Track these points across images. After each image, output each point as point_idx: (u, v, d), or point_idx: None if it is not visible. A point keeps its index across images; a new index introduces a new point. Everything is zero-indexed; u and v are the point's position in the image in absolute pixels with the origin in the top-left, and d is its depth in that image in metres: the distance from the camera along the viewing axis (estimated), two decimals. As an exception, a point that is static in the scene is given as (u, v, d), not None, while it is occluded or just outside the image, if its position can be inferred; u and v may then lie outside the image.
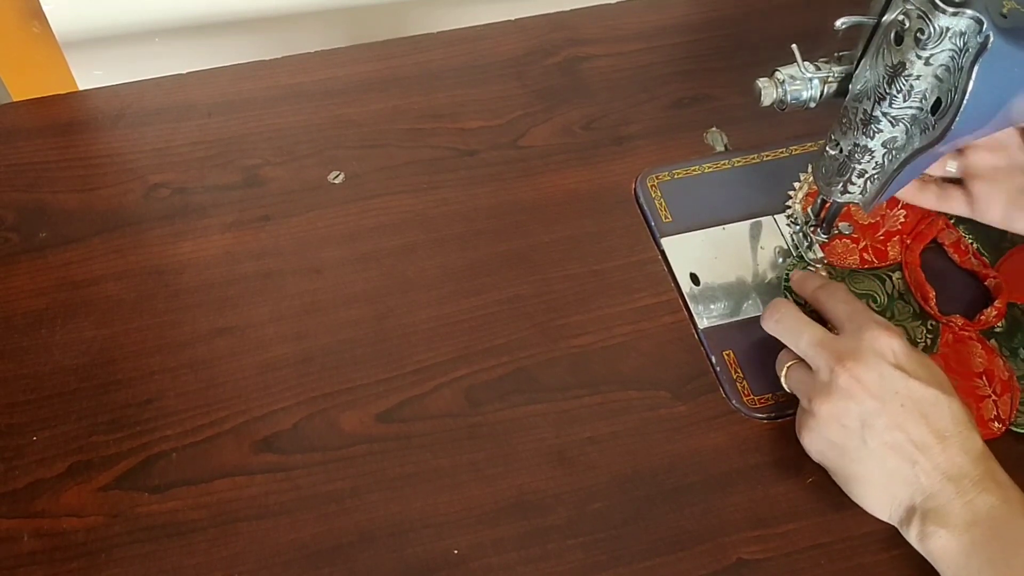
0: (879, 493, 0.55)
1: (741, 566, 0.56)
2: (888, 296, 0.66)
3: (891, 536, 0.57)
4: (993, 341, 0.64)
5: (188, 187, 0.69)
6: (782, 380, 0.60)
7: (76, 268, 0.65)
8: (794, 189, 0.70)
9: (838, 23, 0.52)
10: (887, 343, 0.56)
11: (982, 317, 0.64)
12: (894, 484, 0.54)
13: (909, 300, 0.66)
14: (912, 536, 0.54)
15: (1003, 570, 0.50)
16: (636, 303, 0.65)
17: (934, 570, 0.55)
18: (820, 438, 0.57)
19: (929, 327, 0.65)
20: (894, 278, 0.66)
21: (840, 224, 0.66)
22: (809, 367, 0.58)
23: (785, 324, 0.59)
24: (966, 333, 0.64)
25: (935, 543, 0.53)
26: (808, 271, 0.65)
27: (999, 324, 0.65)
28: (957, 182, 0.63)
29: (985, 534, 0.51)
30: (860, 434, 0.55)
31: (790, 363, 0.59)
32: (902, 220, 0.68)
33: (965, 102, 0.49)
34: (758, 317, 0.65)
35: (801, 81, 0.55)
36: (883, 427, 0.54)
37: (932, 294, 0.65)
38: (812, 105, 0.56)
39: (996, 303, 0.64)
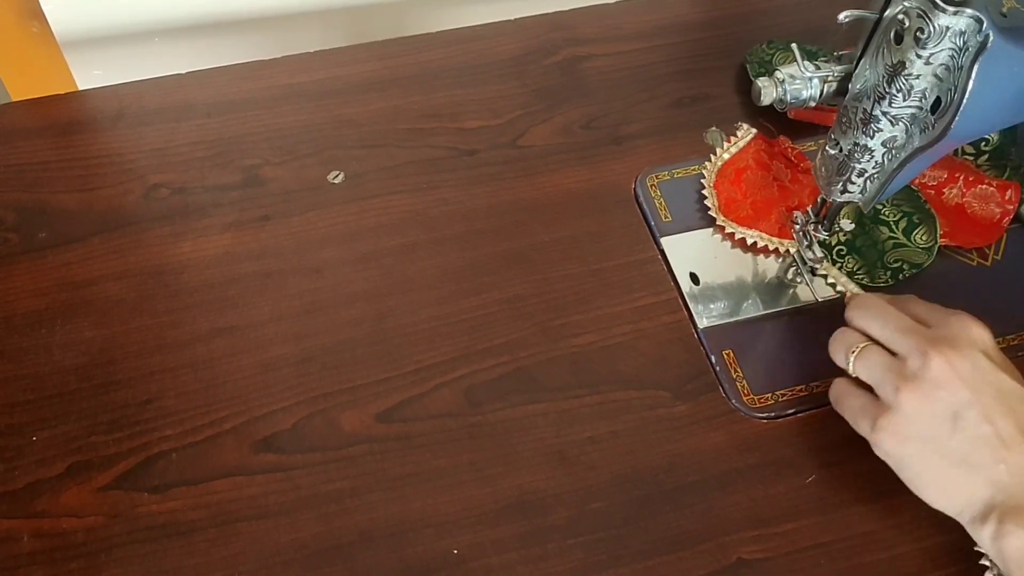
0: (957, 488, 0.52)
1: (741, 566, 0.56)
2: None
3: (891, 536, 0.57)
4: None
5: (188, 187, 0.69)
6: (849, 362, 0.56)
7: (76, 268, 0.65)
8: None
9: (841, 17, 0.52)
10: (979, 332, 0.54)
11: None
12: (976, 480, 0.51)
13: None
14: (985, 534, 0.51)
15: None
16: (636, 303, 0.65)
17: (933, 570, 0.55)
18: (904, 429, 0.53)
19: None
20: None
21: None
22: (888, 352, 0.54)
23: (872, 310, 0.56)
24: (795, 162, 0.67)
25: (1012, 542, 0.50)
26: (863, 293, 0.62)
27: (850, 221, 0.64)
28: None
29: None
30: (950, 425, 0.52)
31: (864, 344, 0.55)
32: None
33: (965, 101, 0.49)
34: (758, 317, 0.65)
35: (801, 80, 0.55)
36: (974, 419, 0.52)
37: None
38: (812, 104, 0.56)
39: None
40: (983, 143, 0.71)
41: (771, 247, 0.68)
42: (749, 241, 0.68)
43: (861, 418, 0.55)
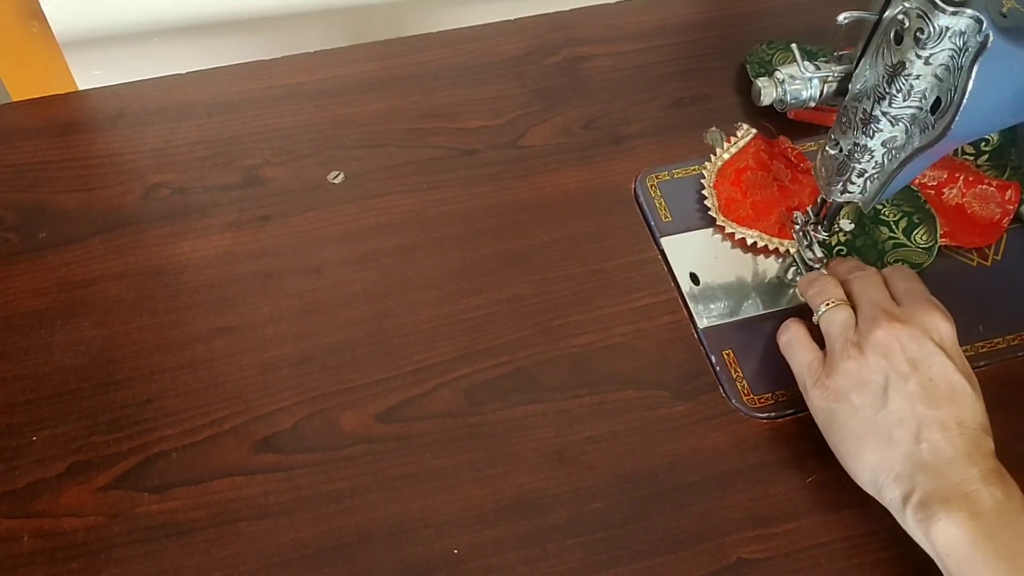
0: (877, 461, 0.53)
1: (741, 566, 0.56)
2: None
3: (891, 536, 0.57)
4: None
5: (188, 187, 0.69)
6: (817, 313, 0.58)
7: (76, 268, 0.65)
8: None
9: (840, 18, 0.52)
10: (938, 324, 0.55)
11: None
12: (894, 454, 0.53)
13: None
14: (908, 516, 0.52)
15: (1008, 564, 0.49)
16: (636, 303, 0.65)
17: (933, 570, 0.55)
18: (837, 387, 0.55)
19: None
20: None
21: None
22: (853, 316, 0.57)
23: (864, 279, 0.59)
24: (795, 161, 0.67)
25: (938, 528, 0.50)
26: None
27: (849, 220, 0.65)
28: None
29: (992, 526, 0.50)
30: (882, 394, 0.54)
31: (840, 301, 0.58)
32: None
33: (965, 101, 0.49)
34: (758, 317, 0.65)
35: (801, 81, 0.55)
36: (907, 394, 0.53)
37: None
38: (812, 105, 0.56)
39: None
40: (983, 143, 0.71)
41: (771, 247, 0.68)
42: (749, 241, 0.68)
43: (805, 372, 0.58)
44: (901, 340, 0.55)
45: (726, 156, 0.71)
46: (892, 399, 0.54)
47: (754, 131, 0.72)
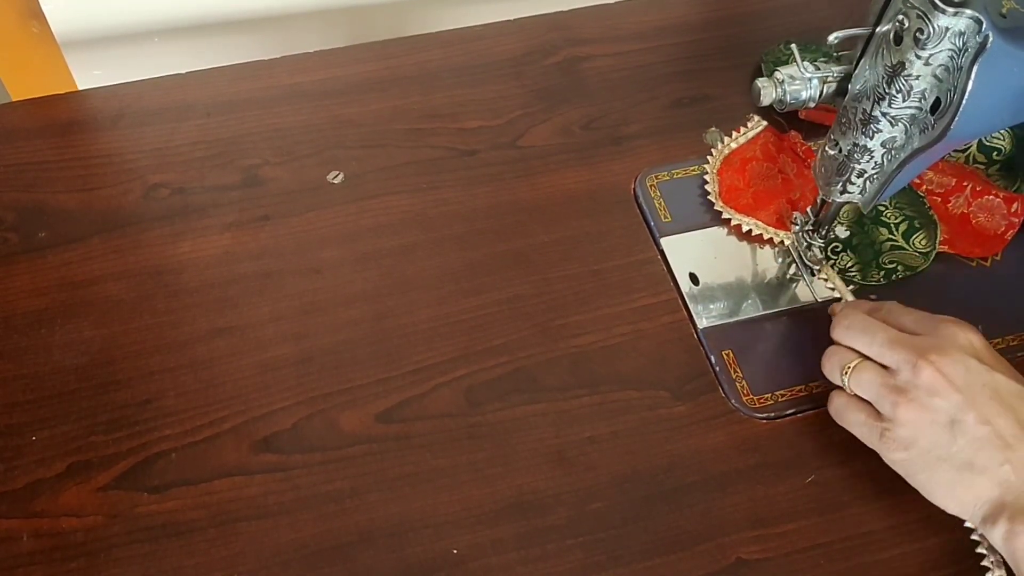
0: (965, 491, 0.53)
1: (740, 566, 0.56)
2: None
3: (891, 536, 0.57)
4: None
5: (187, 187, 0.69)
6: (845, 380, 0.56)
7: (75, 268, 0.65)
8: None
9: (831, 38, 0.52)
10: (966, 336, 0.54)
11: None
12: (982, 481, 0.52)
13: None
14: (997, 534, 0.51)
15: None
16: (635, 303, 0.65)
17: (933, 570, 0.55)
18: (903, 437, 0.54)
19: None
20: None
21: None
22: (880, 367, 0.55)
23: (856, 327, 0.57)
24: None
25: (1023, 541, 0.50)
26: (855, 301, 0.62)
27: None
28: None
29: None
30: (949, 431, 0.53)
31: (856, 362, 0.56)
32: None
33: (964, 102, 0.49)
34: (757, 317, 0.65)
35: (800, 81, 0.55)
36: (972, 422, 0.52)
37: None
38: (811, 105, 0.56)
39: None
40: (995, 153, 0.71)
41: (766, 236, 0.68)
42: (745, 228, 0.68)
43: (867, 433, 0.56)
44: (945, 372, 0.53)
45: (733, 145, 0.71)
46: (959, 431, 0.53)
47: (765, 123, 0.72)
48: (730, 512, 0.58)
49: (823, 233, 0.64)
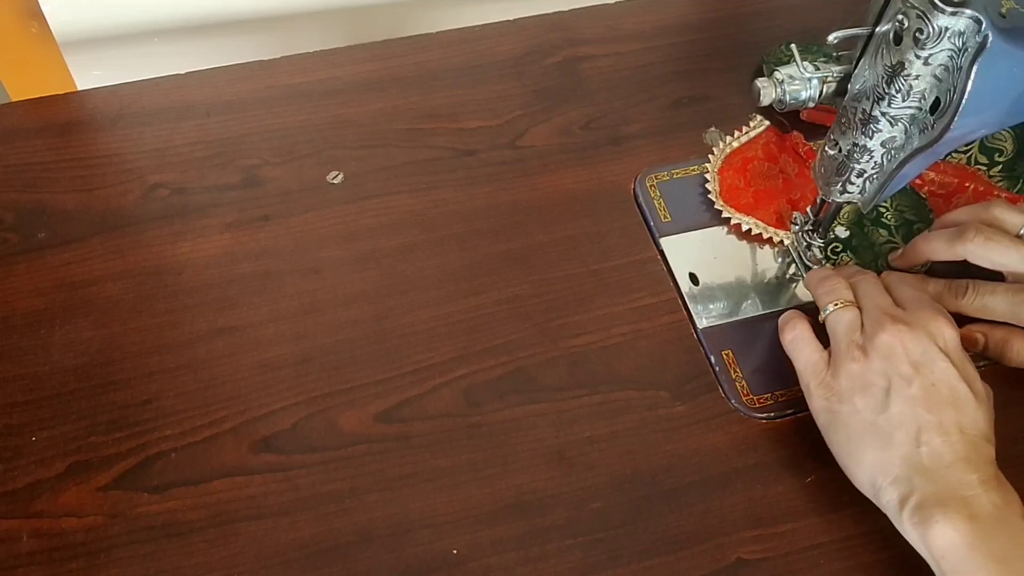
0: (876, 463, 0.54)
1: (740, 566, 0.56)
2: None
3: (891, 536, 0.57)
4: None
5: (187, 187, 0.69)
6: (824, 312, 0.59)
7: (75, 268, 0.65)
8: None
9: (831, 38, 0.52)
10: (942, 329, 0.56)
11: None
12: (895, 458, 0.53)
13: None
14: (905, 519, 0.52)
15: (1004, 567, 0.49)
16: (635, 303, 0.65)
17: (929, 572, 0.55)
18: (840, 389, 0.55)
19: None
20: None
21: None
22: (859, 318, 0.57)
23: (867, 284, 0.59)
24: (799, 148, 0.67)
25: (935, 531, 0.50)
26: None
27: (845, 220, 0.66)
28: None
29: (989, 530, 0.50)
30: (884, 397, 0.54)
31: (847, 303, 0.58)
32: None
33: (964, 102, 0.49)
34: (757, 317, 0.65)
35: (800, 81, 0.55)
36: (908, 397, 0.53)
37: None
38: (811, 105, 0.56)
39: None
40: (997, 154, 0.71)
41: (766, 235, 0.68)
42: (745, 227, 0.68)
43: (809, 373, 0.58)
44: (905, 343, 0.55)
45: (735, 144, 0.71)
46: (894, 402, 0.54)
47: (767, 123, 0.72)
48: (729, 512, 0.58)
49: (823, 233, 0.64)
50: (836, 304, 0.59)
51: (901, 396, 0.54)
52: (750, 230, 0.68)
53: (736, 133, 0.72)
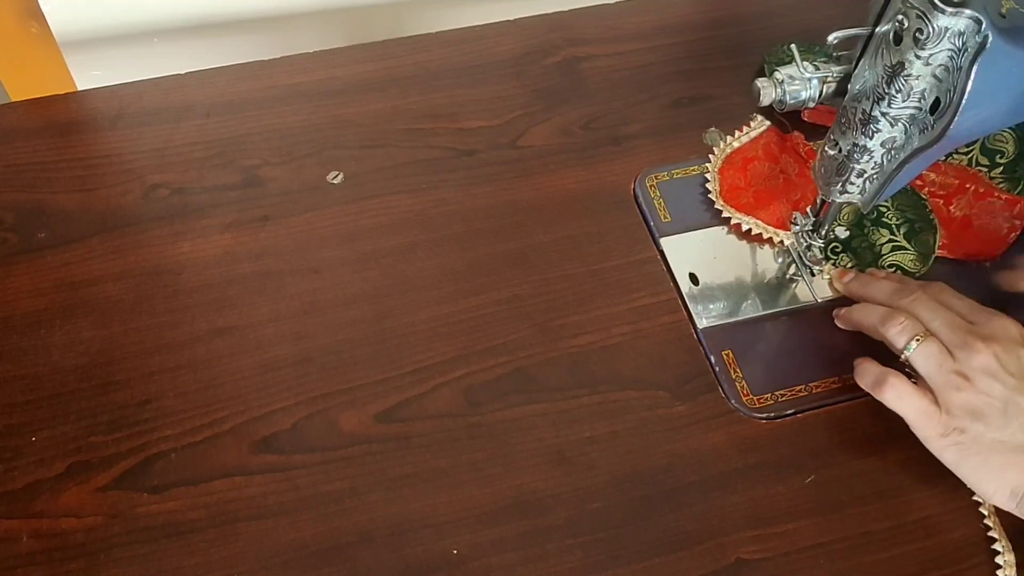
0: (1014, 473, 0.54)
1: (740, 566, 0.56)
2: None
3: (891, 536, 0.57)
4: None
5: (187, 187, 0.69)
6: (909, 348, 0.57)
7: (75, 268, 0.65)
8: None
9: (830, 38, 0.52)
10: (1017, 330, 0.57)
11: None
12: None
13: None
14: None
15: None
16: (635, 303, 0.65)
17: (933, 570, 0.55)
18: (958, 424, 0.55)
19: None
20: None
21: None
22: (942, 345, 0.57)
23: (924, 303, 0.59)
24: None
25: None
26: (904, 277, 0.65)
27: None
28: None
29: None
30: (1004, 414, 0.54)
31: (922, 335, 0.57)
32: None
33: (964, 102, 0.49)
34: (757, 317, 0.65)
35: (800, 81, 0.55)
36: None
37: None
38: (811, 105, 0.56)
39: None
40: (998, 155, 0.71)
41: (766, 235, 0.68)
42: (744, 227, 0.68)
43: (925, 422, 0.57)
44: (1000, 357, 0.55)
45: (736, 144, 0.72)
46: (1012, 414, 0.54)
47: (768, 123, 0.72)
48: (730, 512, 0.58)
49: (822, 233, 0.64)
50: (917, 339, 0.57)
51: (1019, 407, 0.54)
52: (750, 230, 0.68)
53: (737, 133, 0.72)
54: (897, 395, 0.58)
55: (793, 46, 0.56)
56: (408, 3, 0.99)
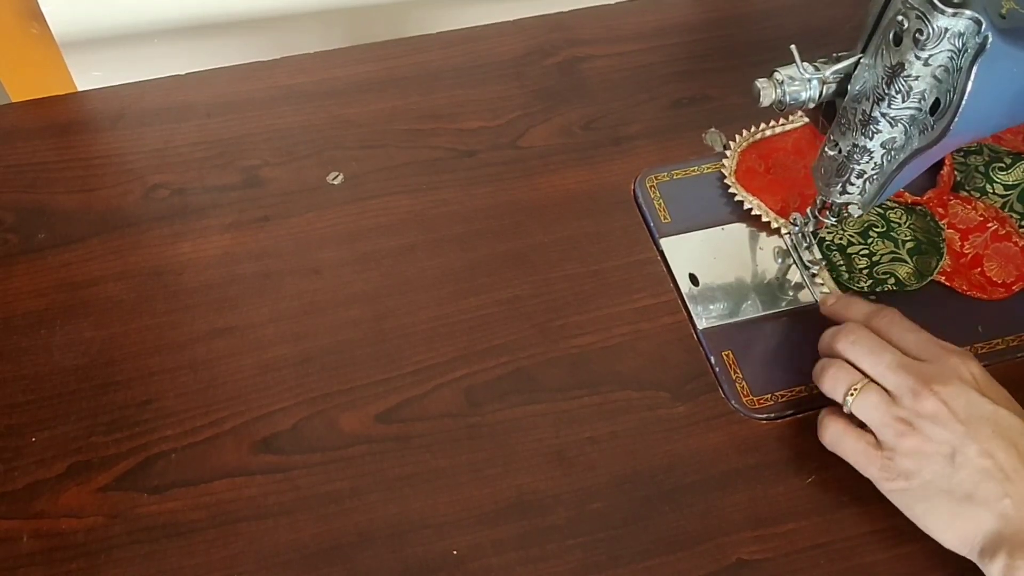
0: (963, 524, 0.52)
1: (740, 566, 0.56)
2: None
3: (890, 536, 0.57)
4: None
5: (187, 188, 0.69)
6: (849, 400, 0.55)
7: (75, 269, 0.65)
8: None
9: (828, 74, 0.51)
10: (967, 368, 0.54)
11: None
12: (982, 514, 0.52)
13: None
14: (995, 569, 0.51)
15: None
16: (635, 303, 0.65)
17: (933, 570, 0.55)
18: (903, 469, 0.54)
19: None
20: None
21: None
22: (884, 392, 0.55)
23: (864, 345, 0.56)
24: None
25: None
26: (848, 295, 0.62)
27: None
28: None
29: None
30: (951, 463, 0.52)
31: (862, 383, 0.55)
32: None
33: (964, 103, 0.49)
34: (757, 318, 0.65)
35: (800, 82, 0.55)
36: (974, 454, 0.52)
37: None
38: (811, 106, 0.56)
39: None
40: None
41: (764, 218, 0.68)
42: (746, 206, 0.68)
43: (865, 463, 0.55)
44: (948, 403, 0.53)
45: (769, 133, 0.72)
46: (960, 464, 0.52)
47: (806, 120, 0.72)
48: (730, 512, 0.58)
49: (835, 212, 0.63)
50: (853, 391, 0.55)
51: (966, 456, 0.52)
52: (751, 210, 0.68)
53: (771, 122, 0.73)
54: (833, 437, 0.57)
55: (793, 47, 0.56)
56: (408, 3, 0.99)
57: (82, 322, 0.63)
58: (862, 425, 0.56)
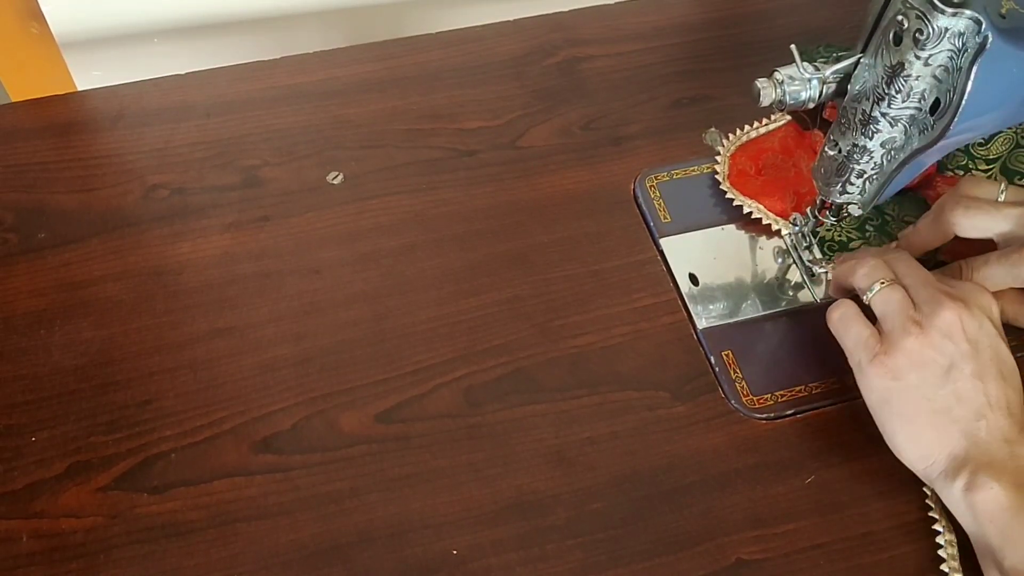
0: (932, 437, 0.54)
1: (740, 566, 0.56)
2: None
3: (891, 536, 0.57)
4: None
5: (187, 188, 0.69)
6: (875, 288, 0.57)
7: (75, 269, 0.65)
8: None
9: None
10: (991, 304, 0.56)
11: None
12: (952, 431, 0.54)
13: None
14: (956, 486, 0.53)
15: None
16: (635, 303, 0.65)
17: (933, 570, 0.55)
18: (896, 365, 0.55)
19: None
20: None
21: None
22: (907, 295, 0.56)
23: (906, 260, 0.58)
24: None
25: (986, 494, 0.51)
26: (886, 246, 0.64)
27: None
28: None
29: None
30: (943, 375, 0.54)
31: (888, 280, 0.57)
32: None
33: (964, 102, 0.49)
34: (757, 317, 0.65)
35: (800, 81, 0.55)
36: (968, 374, 0.54)
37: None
38: (811, 106, 0.56)
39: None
40: None
41: (765, 221, 0.68)
42: (745, 210, 0.68)
43: (861, 349, 0.57)
44: (963, 320, 0.54)
45: (753, 134, 0.72)
46: (954, 378, 0.54)
47: (788, 117, 0.72)
48: (730, 512, 0.58)
49: (835, 212, 0.63)
50: (882, 283, 0.57)
51: (962, 372, 0.54)
52: (751, 213, 0.68)
53: (755, 124, 0.72)
54: (842, 316, 0.58)
55: (793, 46, 0.56)
56: (408, 3, 0.99)
57: (82, 322, 0.63)
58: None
